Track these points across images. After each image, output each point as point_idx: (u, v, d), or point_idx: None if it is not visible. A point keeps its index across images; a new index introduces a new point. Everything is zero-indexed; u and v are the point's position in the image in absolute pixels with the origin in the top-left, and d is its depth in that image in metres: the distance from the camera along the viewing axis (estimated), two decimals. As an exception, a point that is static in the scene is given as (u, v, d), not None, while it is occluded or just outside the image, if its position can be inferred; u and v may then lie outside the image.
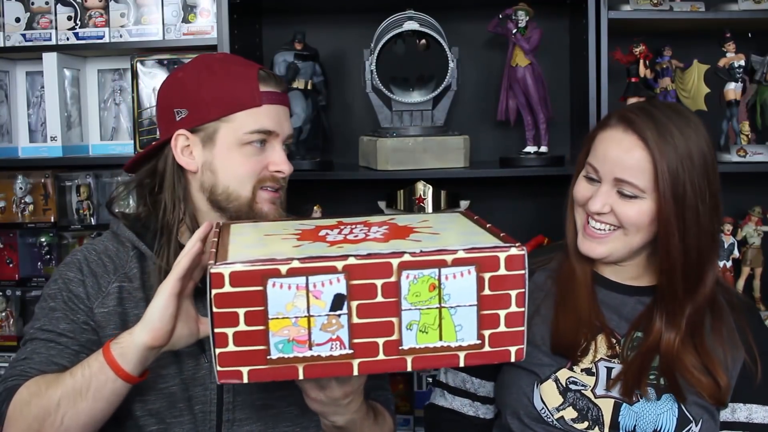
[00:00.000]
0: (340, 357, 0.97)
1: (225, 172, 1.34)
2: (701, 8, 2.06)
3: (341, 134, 2.36)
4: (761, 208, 2.19)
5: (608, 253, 1.34)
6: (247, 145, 1.34)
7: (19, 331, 2.29)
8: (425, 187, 2.18)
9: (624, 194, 1.29)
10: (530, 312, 1.39)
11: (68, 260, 1.38)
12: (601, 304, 1.38)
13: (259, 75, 1.36)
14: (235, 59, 1.46)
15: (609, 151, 1.31)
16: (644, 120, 1.29)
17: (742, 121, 2.14)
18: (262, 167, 1.35)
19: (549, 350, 1.36)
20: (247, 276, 0.95)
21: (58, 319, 1.31)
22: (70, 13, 2.19)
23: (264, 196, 1.36)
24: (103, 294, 1.33)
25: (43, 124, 2.28)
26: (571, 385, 1.33)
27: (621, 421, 1.30)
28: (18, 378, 1.24)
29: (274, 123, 1.35)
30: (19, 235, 2.32)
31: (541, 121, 2.11)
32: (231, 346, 0.96)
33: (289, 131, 1.40)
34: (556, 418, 1.32)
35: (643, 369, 1.30)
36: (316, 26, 2.31)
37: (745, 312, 1.39)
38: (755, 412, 1.34)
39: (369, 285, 0.96)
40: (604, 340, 1.35)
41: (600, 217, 1.32)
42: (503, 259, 0.99)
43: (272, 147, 1.36)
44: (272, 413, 1.34)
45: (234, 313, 0.95)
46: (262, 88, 1.35)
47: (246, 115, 1.33)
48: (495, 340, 1.01)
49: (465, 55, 2.21)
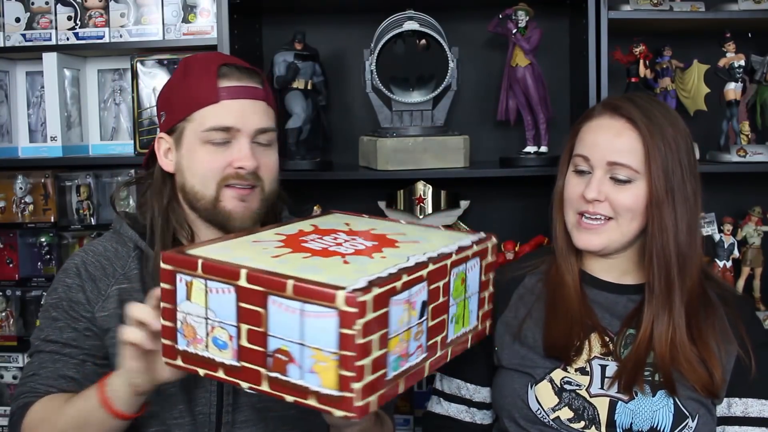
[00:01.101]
0: (421, 361, 1.00)
1: (190, 171, 1.33)
2: (701, 8, 2.06)
3: (341, 134, 2.36)
4: (761, 208, 2.19)
5: (605, 244, 1.34)
6: (207, 143, 1.31)
7: (19, 331, 2.29)
8: (425, 187, 2.18)
9: (618, 179, 1.31)
10: (522, 315, 1.40)
11: (66, 265, 1.38)
12: (592, 304, 1.38)
13: (219, 71, 1.32)
14: (208, 57, 1.40)
15: (599, 137, 1.34)
16: (629, 105, 1.34)
17: (742, 121, 2.14)
18: (225, 164, 1.31)
19: (542, 351, 1.36)
20: (379, 299, 0.89)
21: (61, 329, 1.32)
22: (70, 13, 2.19)
23: (228, 194, 1.31)
24: (103, 297, 1.33)
25: (43, 124, 2.28)
26: (566, 385, 1.33)
27: (617, 419, 1.30)
28: (28, 395, 1.27)
29: (234, 118, 1.30)
30: (19, 235, 2.32)
31: (541, 121, 2.11)
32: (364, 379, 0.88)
33: (257, 125, 1.32)
34: (552, 418, 1.32)
35: (638, 366, 1.30)
36: (316, 26, 2.31)
37: (737, 305, 1.39)
38: (751, 406, 1.34)
39: (437, 288, 1.01)
40: (598, 338, 1.35)
41: (595, 208, 1.33)
42: (491, 246, 1.16)
43: (237, 142, 1.31)
44: (272, 416, 1.34)
45: (368, 342, 0.88)
46: (222, 84, 1.31)
47: (205, 113, 1.31)
48: (483, 319, 1.17)
49: (465, 55, 2.21)
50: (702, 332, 1.31)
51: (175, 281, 0.98)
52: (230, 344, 0.95)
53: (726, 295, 1.39)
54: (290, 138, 2.12)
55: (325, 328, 0.87)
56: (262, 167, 1.33)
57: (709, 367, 1.29)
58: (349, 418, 0.88)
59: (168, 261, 0.99)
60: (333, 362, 0.87)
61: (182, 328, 0.99)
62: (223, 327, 0.95)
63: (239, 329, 0.94)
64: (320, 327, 0.87)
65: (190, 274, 0.97)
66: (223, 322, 0.95)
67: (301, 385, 0.90)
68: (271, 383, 0.93)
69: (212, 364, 0.97)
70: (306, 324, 0.88)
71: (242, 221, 1.32)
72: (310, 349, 0.88)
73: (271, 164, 1.35)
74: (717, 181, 2.24)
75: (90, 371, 1.31)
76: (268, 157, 1.35)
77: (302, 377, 0.90)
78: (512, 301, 1.44)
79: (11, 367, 2.31)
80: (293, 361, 0.90)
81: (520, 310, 1.42)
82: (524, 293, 1.44)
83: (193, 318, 0.98)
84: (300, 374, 0.90)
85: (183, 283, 0.98)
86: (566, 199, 1.39)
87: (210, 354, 0.97)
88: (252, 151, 1.31)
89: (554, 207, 1.43)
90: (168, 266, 0.99)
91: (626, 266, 1.39)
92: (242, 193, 1.32)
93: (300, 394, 0.90)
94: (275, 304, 0.90)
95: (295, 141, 2.12)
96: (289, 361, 0.90)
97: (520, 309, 1.42)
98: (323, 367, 0.88)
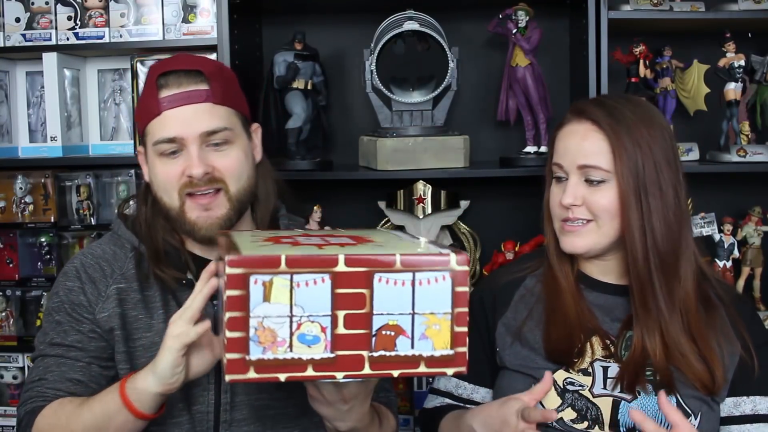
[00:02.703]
0: None
1: (155, 183, 1.34)
2: (701, 8, 2.06)
3: (341, 134, 2.36)
4: (761, 208, 2.19)
5: (589, 246, 1.35)
6: (161, 155, 1.31)
7: (18, 331, 2.29)
8: (425, 187, 2.18)
9: (591, 181, 1.33)
10: (522, 316, 1.40)
11: (66, 269, 1.39)
12: (592, 306, 1.38)
13: (158, 82, 1.30)
14: (153, 67, 1.37)
15: (568, 143, 1.36)
16: (594, 107, 1.36)
17: (742, 121, 2.14)
18: (179, 174, 1.30)
19: (543, 353, 1.36)
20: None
21: (66, 332, 1.33)
22: (70, 13, 2.19)
23: (190, 204, 1.31)
24: (103, 298, 1.34)
25: (43, 124, 2.28)
26: (569, 385, 1.33)
27: (620, 419, 1.30)
28: (36, 400, 1.27)
29: (177, 128, 1.29)
30: (19, 235, 2.31)
31: (541, 121, 2.11)
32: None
33: (202, 129, 1.29)
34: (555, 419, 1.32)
35: (638, 367, 1.30)
36: (316, 26, 2.31)
37: (737, 305, 1.39)
38: (759, 403, 1.35)
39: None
40: (599, 341, 1.35)
41: (574, 213, 1.34)
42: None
43: (186, 150, 1.30)
44: (271, 414, 1.34)
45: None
46: (162, 95, 1.30)
47: (151, 126, 1.31)
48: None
49: (465, 55, 2.21)
50: (702, 331, 1.31)
51: (247, 285, 0.93)
52: (323, 336, 0.95)
53: (725, 296, 1.39)
54: (290, 138, 2.12)
55: (440, 290, 0.96)
56: (219, 169, 1.31)
57: (710, 366, 1.29)
58: (462, 372, 0.98)
59: (239, 264, 0.93)
60: (447, 322, 0.97)
61: (257, 335, 0.94)
62: (314, 320, 0.95)
63: (335, 318, 0.95)
64: (434, 291, 0.96)
65: (270, 272, 0.93)
66: (314, 315, 0.95)
67: (411, 355, 0.96)
68: (373, 364, 0.96)
69: (298, 364, 0.95)
70: (418, 292, 0.96)
71: (207, 230, 1.32)
72: (423, 315, 0.96)
73: (229, 163, 1.32)
74: (717, 181, 2.25)
75: (96, 374, 1.32)
76: (224, 158, 1.32)
77: (413, 346, 0.96)
78: (513, 302, 1.44)
79: (11, 367, 2.31)
80: (403, 333, 0.96)
81: (521, 312, 1.42)
82: (525, 294, 1.45)
83: (272, 320, 0.94)
84: (410, 344, 0.96)
85: (259, 285, 0.93)
86: (550, 207, 1.41)
87: (295, 354, 0.95)
88: (201, 157, 1.29)
89: (545, 217, 1.44)
90: (238, 270, 0.93)
91: (622, 268, 1.39)
92: (204, 202, 1.31)
93: (408, 365, 0.97)
94: (382, 281, 0.95)
95: (295, 141, 2.12)
96: (398, 334, 0.96)
97: (521, 310, 1.42)
98: (436, 331, 0.97)
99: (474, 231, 2.30)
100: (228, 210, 1.33)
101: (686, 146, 2.15)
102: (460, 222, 2.29)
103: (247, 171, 1.36)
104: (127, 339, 1.32)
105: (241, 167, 1.34)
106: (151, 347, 1.32)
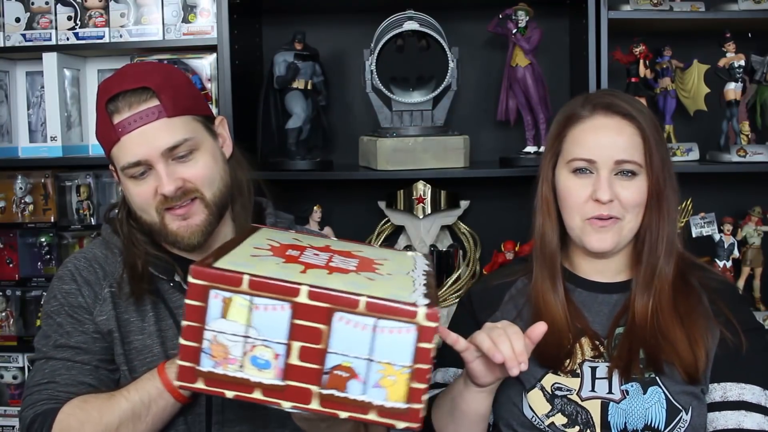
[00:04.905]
0: None
1: (132, 204, 1.34)
2: (701, 8, 2.06)
3: (341, 134, 2.36)
4: (761, 208, 2.19)
5: (616, 242, 1.35)
6: (131, 178, 1.30)
7: (18, 331, 2.30)
8: (425, 187, 2.18)
9: (626, 174, 1.33)
10: (512, 317, 1.38)
11: (60, 273, 1.38)
12: (581, 306, 1.38)
13: (107, 108, 1.28)
14: (99, 93, 1.32)
15: (601, 138, 1.34)
16: (619, 101, 1.36)
17: (742, 121, 2.14)
18: (152, 193, 1.29)
19: (532, 358, 1.34)
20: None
21: (69, 333, 1.32)
22: (70, 13, 2.19)
23: (169, 217, 1.31)
24: (100, 301, 1.34)
25: (43, 124, 2.28)
26: (557, 391, 1.32)
27: (611, 420, 1.29)
28: (48, 402, 1.26)
29: (138, 151, 1.27)
30: (19, 235, 2.32)
31: (541, 121, 2.11)
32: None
33: (163, 146, 1.27)
34: (546, 424, 1.32)
35: (632, 351, 1.30)
36: (316, 26, 2.31)
37: (721, 291, 1.38)
38: (743, 389, 1.31)
39: None
40: (588, 342, 1.34)
41: (609, 209, 1.32)
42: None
43: (154, 170, 1.28)
44: (262, 414, 1.34)
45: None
46: (116, 120, 1.27)
47: (114, 153, 1.30)
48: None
49: (465, 55, 2.21)
50: (690, 312, 1.32)
51: (207, 297, 0.92)
52: (274, 363, 0.92)
53: (708, 282, 1.39)
54: (290, 138, 2.12)
55: (401, 342, 0.91)
56: (190, 179, 1.30)
57: (694, 348, 1.29)
58: (414, 429, 0.93)
59: (201, 276, 0.92)
60: (404, 376, 0.92)
61: (210, 348, 0.93)
62: (268, 345, 0.92)
63: (289, 347, 0.92)
64: (395, 342, 0.91)
65: (230, 290, 0.91)
66: (269, 340, 0.92)
67: (362, 401, 0.92)
68: (323, 401, 0.93)
69: (246, 384, 0.93)
70: (377, 339, 0.91)
71: (190, 238, 1.32)
72: (379, 364, 0.92)
73: (199, 172, 1.30)
74: (717, 181, 2.25)
75: (104, 377, 1.32)
76: (192, 168, 1.30)
77: (365, 392, 0.92)
78: (503, 303, 1.43)
79: (11, 367, 2.31)
80: (356, 377, 0.92)
81: (510, 312, 1.41)
82: (515, 294, 1.44)
83: (226, 337, 0.92)
84: (363, 389, 0.92)
85: (219, 300, 0.92)
86: (569, 204, 1.36)
87: (245, 374, 0.93)
88: (169, 174, 1.28)
89: (540, 213, 1.42)
90: (200, 281, 0.92)
91: (620, 265, 1.39)
92: (181, 212, 1.30)
93: (358, 409, 0.93)
94: (342, 320, 0.91)
95: (295, 141, 2.12)
96: (350, 377, 0.92)
97: (510, 310, 1.41)
98: (391, 382, 0.92)
99: (474, 231, 2.30)
100: (207, 216, 1.32)
101: (686, 146, 2.15)
102: (460, 222, 2.29)
103: (219, 173, 1.34)
104: (123, 341, 1.33)
105: (212, 172, 1.33)
106: (144, 350, 1.32)
